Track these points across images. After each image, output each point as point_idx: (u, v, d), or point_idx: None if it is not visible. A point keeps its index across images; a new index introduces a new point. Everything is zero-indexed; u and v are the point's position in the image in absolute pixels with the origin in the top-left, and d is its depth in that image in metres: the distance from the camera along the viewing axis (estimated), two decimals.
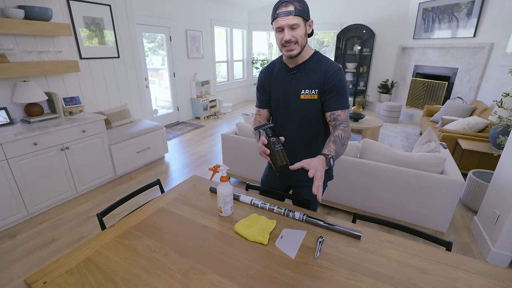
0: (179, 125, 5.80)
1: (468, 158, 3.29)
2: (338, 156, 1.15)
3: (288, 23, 1.14)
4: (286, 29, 1.16)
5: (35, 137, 2.47)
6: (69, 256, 1.05)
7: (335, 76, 1.23)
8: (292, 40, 1.17)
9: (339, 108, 1.25)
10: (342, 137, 1.19)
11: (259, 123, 1.42)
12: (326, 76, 1.24)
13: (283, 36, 1.17)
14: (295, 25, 1.14)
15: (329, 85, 1.24)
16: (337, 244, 1.11)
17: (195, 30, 5.83)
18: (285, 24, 1.14)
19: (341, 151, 1.17)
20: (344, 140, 1.19)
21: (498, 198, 2.13)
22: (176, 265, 1.00)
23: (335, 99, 1.25)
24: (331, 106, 1.26)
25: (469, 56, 4.89)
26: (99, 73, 3.52)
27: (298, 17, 1.14)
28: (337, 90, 1.24)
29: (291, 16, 1.13)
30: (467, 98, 4.95)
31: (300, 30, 1.17)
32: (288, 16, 1.13)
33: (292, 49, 1.19)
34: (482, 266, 1.00)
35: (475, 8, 4.66)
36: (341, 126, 1.23)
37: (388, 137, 5.01)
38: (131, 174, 3.52)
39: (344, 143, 1.20)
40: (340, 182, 2.59)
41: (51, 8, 2.78)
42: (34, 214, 2.63)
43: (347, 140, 1.22)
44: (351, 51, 7.15)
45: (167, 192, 1.52)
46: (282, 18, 1.14)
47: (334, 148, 1.14)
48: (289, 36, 1.16)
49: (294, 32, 1.16)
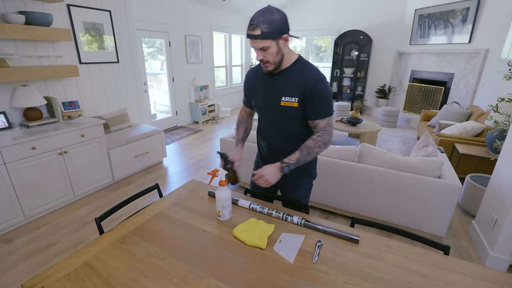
0: (177, 129, 5.80)
1: (465, 162, 3.30)
2: (299, 164, 1.30)
3: (256, 46, 1.18)
4: (257, 50, 1.20)
5: (33, 141, 2.47)
6: (67, 260, 1.05)
7: (315, 86, 1.24)
8: (264, 59, 1.22)
9: (317, 118, 1.29)
10: (310, 147, 1.28)
11: (242, 118, 1.63)
12: (307, 85, 1.25)
13: (257, 55, 1.23)
14: (264, 47, 1.17)
15: (308, 94, 1.26)
16: (335, 248, 1.11)
17: (194, 36, 5.87)
18: (254, 46, 1.19)
19: (306, 158, 1.30)
20: (312, 149, 1.29)
21: (495, 202, 2.14)
22: (175, 270, 1.00)
23: (314, 108, 1.28)
24: (311, 115, 1.30)
25: (465, 62, 4.94)
26: (99, 78, 3.53)
27: (265, 40, 1.16)
28: (316, 100, 1.26)
29: (258, 40, 1.16)
30: (464, 103, 4.98)
31: (272, 50, 1.19)
32: (256, 40, 1.16)
33: (267, 66, 1.25)
34: (480, 270, 1.00)
35: (470, 15, 4.72)
36: (315, 136, 1.30)
37: (386, 142, 5.03)
38: (130, 178, 3.51)
39: (312, 152, 1.29)
40: (338, 187, 2.59)
41: (51, 13, 2.80)
42: (31, 219, 2.61)
43: (318, 148, 1.30)
44: (349, 57, 7.21)
45: (166, 197, 1.52)
46: (251, 41, 1.18)
47: (296, 157, 1.28)
48: (261, 56, 1.21)
49: (265, 52, 1.20)
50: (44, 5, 2.83)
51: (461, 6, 4.85)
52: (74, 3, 3.09)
